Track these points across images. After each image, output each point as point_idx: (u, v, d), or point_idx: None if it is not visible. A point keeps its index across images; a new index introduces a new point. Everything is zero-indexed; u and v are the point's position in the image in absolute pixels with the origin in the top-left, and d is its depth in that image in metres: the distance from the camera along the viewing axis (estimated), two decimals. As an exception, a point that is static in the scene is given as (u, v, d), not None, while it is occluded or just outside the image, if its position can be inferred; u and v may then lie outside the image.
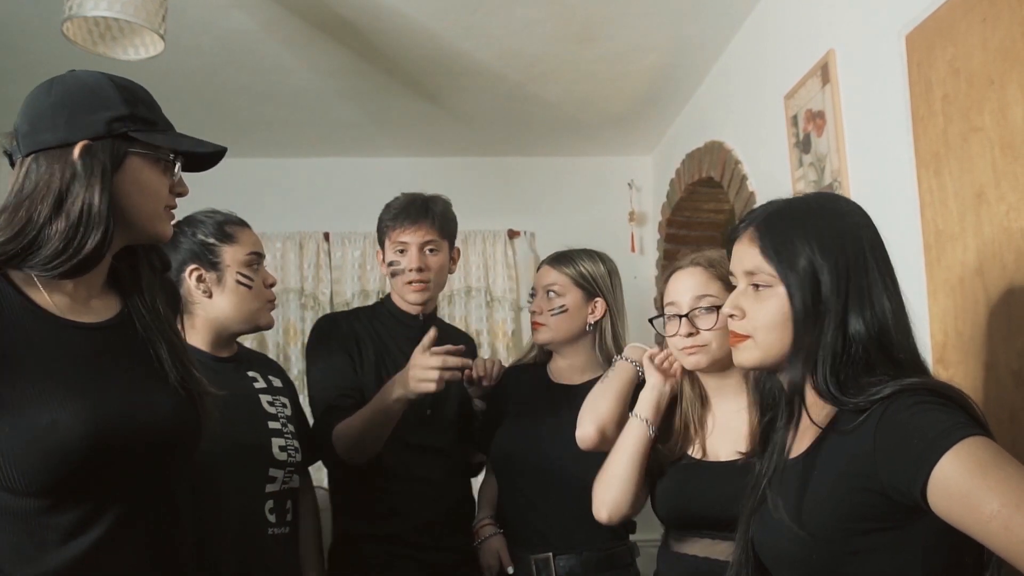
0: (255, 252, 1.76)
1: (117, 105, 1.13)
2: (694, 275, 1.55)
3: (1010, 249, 1.40)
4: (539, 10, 2.61)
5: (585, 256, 2.04)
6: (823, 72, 2.14)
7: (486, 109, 3.46)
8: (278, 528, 1.68)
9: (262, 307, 1.76)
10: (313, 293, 3.92)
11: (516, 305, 3.97)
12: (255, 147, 3.80)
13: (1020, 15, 1.38)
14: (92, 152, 1.10)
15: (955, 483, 0.91)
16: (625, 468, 1.54)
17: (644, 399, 1.58)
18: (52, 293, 1.11)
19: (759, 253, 1.12)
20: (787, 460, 1.16)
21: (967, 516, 0.91)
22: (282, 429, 1.74)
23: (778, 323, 1.10)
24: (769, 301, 1.11)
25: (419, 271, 1.99)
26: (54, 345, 1.08)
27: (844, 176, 2.05)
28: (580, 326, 1.99)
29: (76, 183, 1.09)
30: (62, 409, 1.03)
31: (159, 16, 2.05)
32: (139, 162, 1.14)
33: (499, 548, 1.96)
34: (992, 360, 1.45)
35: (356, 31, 2.72)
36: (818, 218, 1.12)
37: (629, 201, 4.07)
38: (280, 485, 1.70)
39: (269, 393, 1.78)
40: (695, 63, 3.06)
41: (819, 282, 1.07)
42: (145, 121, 1.16)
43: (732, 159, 2.89)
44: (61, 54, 2.59)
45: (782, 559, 1.11)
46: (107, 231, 1.10)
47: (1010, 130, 1.40)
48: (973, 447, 0.93)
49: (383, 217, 2.07)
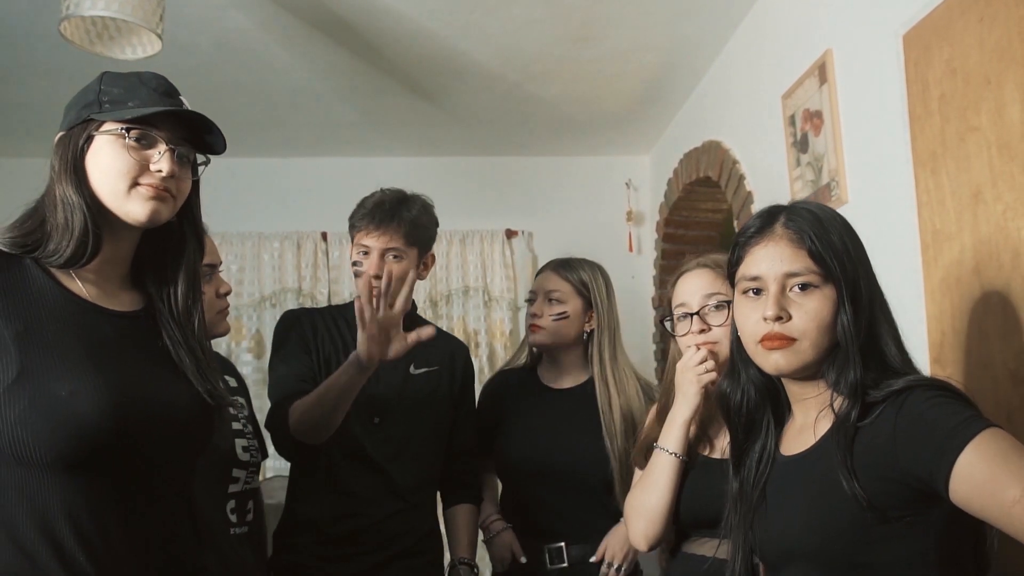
0: (206, 264, 1.71)
1: (91, 94, 1.18)
2: (702, 276, 1.58)
3: (1007, 249, 1.40)
4: (537, 10, 2.61)
5: (587, 267, 2.10)
6: (820, 72, 2.15)
7: (484, 109, 3.46)
8: (239, 528, 1.70)
9: (212, 318, 1.71)
10: (311, 293, 3.92)
11: (514, 305, 3.97)
12: (253, 146, 3.79)
13: (1017, 15, 1.38)
14: (62, 142, 1.16)
15: (979, 471, 0.95)
16: (661, 502, 1.53)
17: (674, 434, 1.54)
18: (83, 283, 1.15)
19: (807, 254, 1.12)
20: (785, 458, 1.17)
21: (989, 503, 0.94)
22: (243, 429, 1.75)
23: (828, 324, 1.11)
24: (819, 303, 1.11)
25: (376, 278, 1.89)
26: (79, 324, 1.12)
27: (841, 176, 2.05)
28: (577, 333, 2.05)
29: (53, 175, 1.15)
30: (82, 381, 1.06)
31: (156, 15, 2.05)
32: (100, 142, 1.16)
33: (511, 541, 2.02)
34: (989, 359, 1.45)
35: (354, 30, 2.72)
36: (843, 227, 1.16)
37: (627, 201, 4.07)
38: (242, 485, 1.72)
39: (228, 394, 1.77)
40: (693, 63, 3.06)
41: (859, 285, 1.11)
42: (115, 101, 1.16)
43: (730, 159, 2.89)
44: (58, 54, 2.60)
45: (794, 553, 1.12)
46: (84, 214, 1.12)
47: (1007, 130, 1.40)
48: (994, 437, 0.96)
49: (353, 213, 2.01)
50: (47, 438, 1.02)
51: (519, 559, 1.99)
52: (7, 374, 1.04)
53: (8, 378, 1.03)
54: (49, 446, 1.02)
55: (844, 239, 1.14)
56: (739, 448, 1.25)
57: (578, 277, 2.06)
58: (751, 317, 1.15)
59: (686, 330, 1.55)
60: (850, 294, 1.10)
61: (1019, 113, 1.37)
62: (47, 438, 1.02)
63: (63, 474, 1.04)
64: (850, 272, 1.12)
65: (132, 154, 1.14)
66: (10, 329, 1.05)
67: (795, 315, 1.11)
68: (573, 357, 2.08)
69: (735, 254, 1.21)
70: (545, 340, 2.05)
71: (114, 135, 1.14)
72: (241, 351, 3.82)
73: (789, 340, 1.11)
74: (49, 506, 1.04)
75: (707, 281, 1.57)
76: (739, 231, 1.23)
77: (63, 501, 1.04)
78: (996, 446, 0.96)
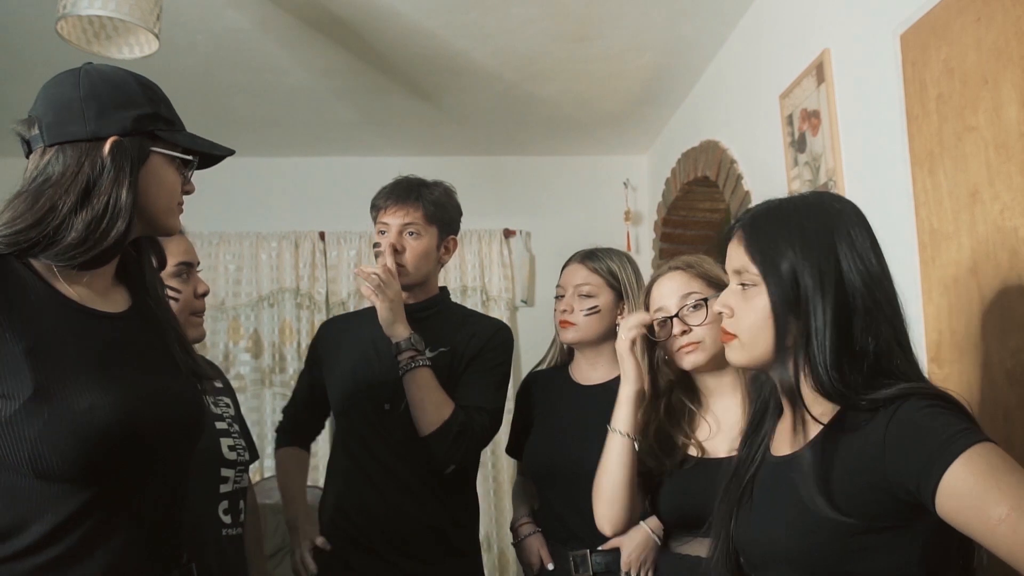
0: (183, 262, 1.71)
1: (143, 103, 1.17)
2: (675, 278, 1.58)
3: (1004, 248, 1.40)
4: (535, 9, 2.61)
5: (615, 256, 2.01)
6: (818, 71, 2.15)
7: (481, 108, 3.46)
8: (232, 529, 1.69)
9: (187, 320, 1.68)
10: (309, 292, 3.92)
11: (512, 304, 3.97)
12: (250, 146, 3.79)
13: (1014, 15, 1.38)
14: (121, 148, 1.14)
15: (966, 487, 0.92)
16: (612, 483, 1.53)
17: (621, 412, 1.54)
18: (72, 284, 1.14)
19: (744, 252, 1.13)
20: (775, 459, 1.16)
21: (975, 520, 0.92)
22: (228, 429, 1.75)
23: (761, 322, 1.11)
24: (754, 300, 1.12)
25: (394, 252, 1.90)
26: (81, 333, 1.11)
27: (839, 175, 2.05)
28: (609, 327, 1.95)
29: (104, 177, 1.12)
30: (98, 394, 1.06)
31: (154, 15, 2.05)
32: (160, 159, 1.18)
33: (539, 546, 1.95)
34: (986, 359, 1.45)
35: (351, 30, 2.72)
36: (806, 218, 1.11)
37: (625, 200, 4.07)
38: (232, 485, 1.71)
39: (211, 394, 1.76)
40: (691, 62, 3.06)
41: (798, 283, 1.08)
42: (167, 120, 1.20)
43: (727, 158, 2.89)
44: (55, 53, 2.59)
45: (777, 557, 1.11)
46: (129, 224, 1.14)
47: (1004, 129, 1.40)
48: (984, 452, 0.94)
49: (374, 199, 2.02)
50: (71, 454, 1.02)
51: (547, 566, 1.92)
52: (22, 391, 1.03)
53: (23, 395, 1.02)
54: (73, 461, 1.03)
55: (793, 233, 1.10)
56: (745, 441, 1.25)
57: (607, 268, 1.97)
58: None
59: (667, 334, 1.55)
60: (784, 292, 1.08)
61: (1016, 113, 1.37)
62: (71, 454, 1.02)
63: (80, 483, 1.05)
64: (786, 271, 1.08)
65: (182, 174, 1.23)
66: (20, 345, 1.04)
67: (737, 312, 1.15)
68: (606, 351, 1.97)
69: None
70: (578, 337, 1.95)
71: (177, 158, 1.21)
72: (239, 351, 3.82)
73: (731, 335, 1.17)
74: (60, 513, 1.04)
75: (681, 282, 1.56)
76: None
77: (74, 508, 1.05)
78: (987, 462, 0.93)
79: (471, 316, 2.10)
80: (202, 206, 1.81)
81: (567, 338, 1.97)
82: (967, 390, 1.46)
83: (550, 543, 1.94)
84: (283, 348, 3.84)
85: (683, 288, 1.55)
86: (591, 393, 1.95)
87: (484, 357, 1.97)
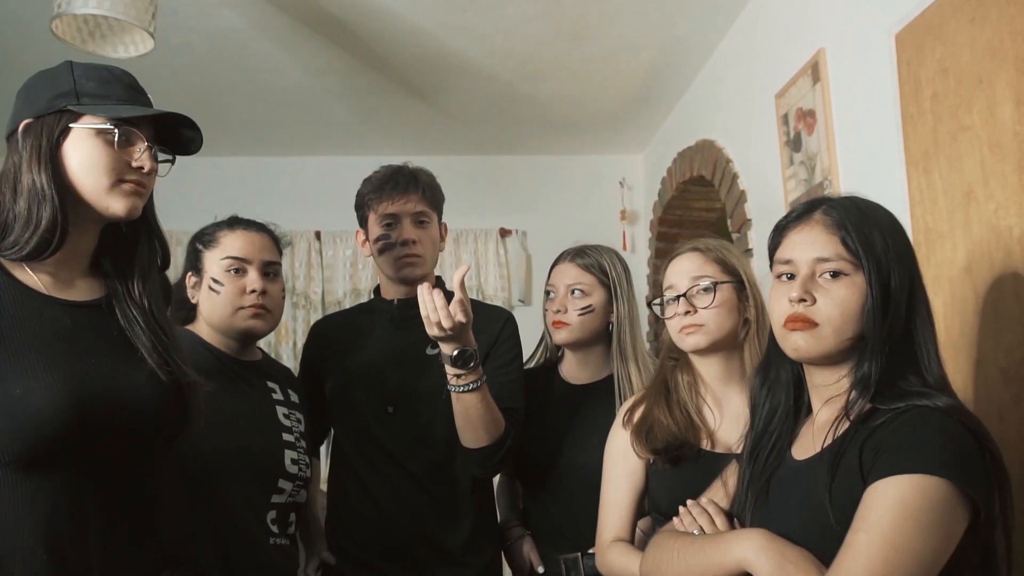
0: (231, 257, 1.71)
1: (64, 83, 1.15)
2: (692, 259, 1.56)
3: (999, 247, 1.41)
4: (530, 9, 2.61)
5: (604, 252, 1.95)
6: (813, 71, 2.15)
7: (477, 108, 3.46)
8: (279, 539, 1.66)
9: (234, 314, 1.67)
10: (305, 292, 3.91)
11: (508, 303, 3.97)
12: (246, 145, 3.78)
13: (1008, 15, 1.39)
14: (32, 129, 1.13)
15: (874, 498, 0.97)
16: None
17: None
18: (37, 273, 1.14)
19: (839, 241, 1.11)
20: (795, 463, 1.15)
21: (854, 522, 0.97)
22: (295, 443, 1.71)
23: (854, 312, 1.09)
24: (847, 290, 1.10)
25: (412, 243, 1.83)
26: (34, 319, 1.10)
27: (834, 174, 2.06)
28: (603, 325, 1.91)
29: (23, 163, 1.12)
30: (36, 379, 1.05)
31: (149, 14, 2.05)
32: (81, 135, 1.14)
33: (529, 550, 1.90)
34: (981, 357, 1.45)
35: (347, 29, 2.72)
36: (887, 222, 1.14)
37: (621, 199, 4.08)
38: (287, 497, 1.68)
39: (286, 406, 1.75)
40: (686, 62, 3.06)
41: (890, 281, 1.09)
42: (93, 95, 1.16)
43: (723, 158, 2.90)
44: (50, 52, 2.58)
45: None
46: (55, 206, 1.11)
47: (999, 129, 1.40)
48: (920, 489, 0.95)
49: (364, 191, 1.92)
50: (3, 438, 1.02)
51: (536, 569, 1.87)
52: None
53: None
54: (5, 446, 1.02)
55: (885, 233, 1.12)
56: (754, 440, 1.24)
57: (599, 265, 1.91)
58: (780, 300, 1.14)
59: (672, 312, 1.54)
60: (880, 287, 1.08)
61: (1010, 112, 1.37)
62: (3, 438, 1.02)
63: (34, 473, 1.04)
64: (884, 266, 1.09)
65: (116, 150, 1.15)
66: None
67: (821, 300, 1.10)
68: (598, 350, 1.93)
69: (774, 240, 1.21)
70: (572, 337, 1.89)
71: (97, 130, 1.14)
72: (235, 351, 3.81)
73: (811, 323, 1.10)
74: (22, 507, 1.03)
75: (696, 264, 1.55)
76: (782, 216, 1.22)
77: (38, 501, 1.04)
78: (913, 494, 0.95)
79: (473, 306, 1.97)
80: (197, 205, 1.81)
81: (561, 339, 1.91)
82: (961, 389, 1.46)
83: (540, 548, 1.89)
84: (279, 348, 3.83)
85: (696, 270, 1.54)
86: (581, 392, 1.92)
87: (499, 351, 1.88)
